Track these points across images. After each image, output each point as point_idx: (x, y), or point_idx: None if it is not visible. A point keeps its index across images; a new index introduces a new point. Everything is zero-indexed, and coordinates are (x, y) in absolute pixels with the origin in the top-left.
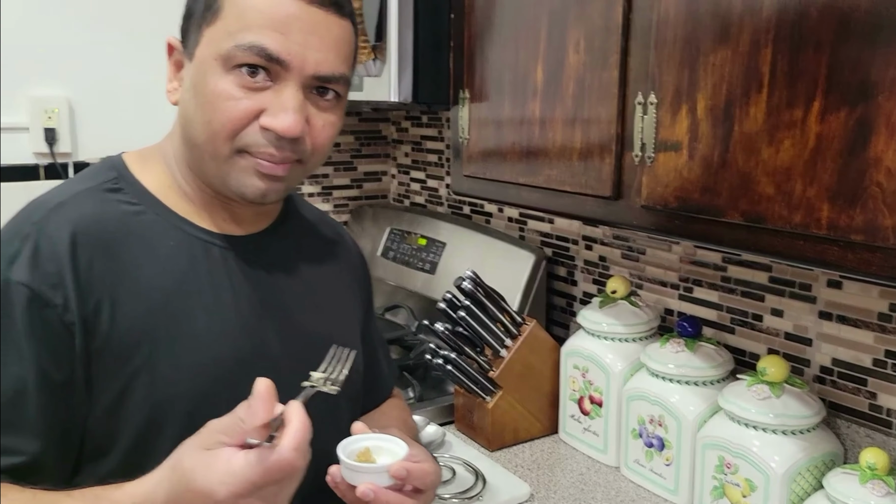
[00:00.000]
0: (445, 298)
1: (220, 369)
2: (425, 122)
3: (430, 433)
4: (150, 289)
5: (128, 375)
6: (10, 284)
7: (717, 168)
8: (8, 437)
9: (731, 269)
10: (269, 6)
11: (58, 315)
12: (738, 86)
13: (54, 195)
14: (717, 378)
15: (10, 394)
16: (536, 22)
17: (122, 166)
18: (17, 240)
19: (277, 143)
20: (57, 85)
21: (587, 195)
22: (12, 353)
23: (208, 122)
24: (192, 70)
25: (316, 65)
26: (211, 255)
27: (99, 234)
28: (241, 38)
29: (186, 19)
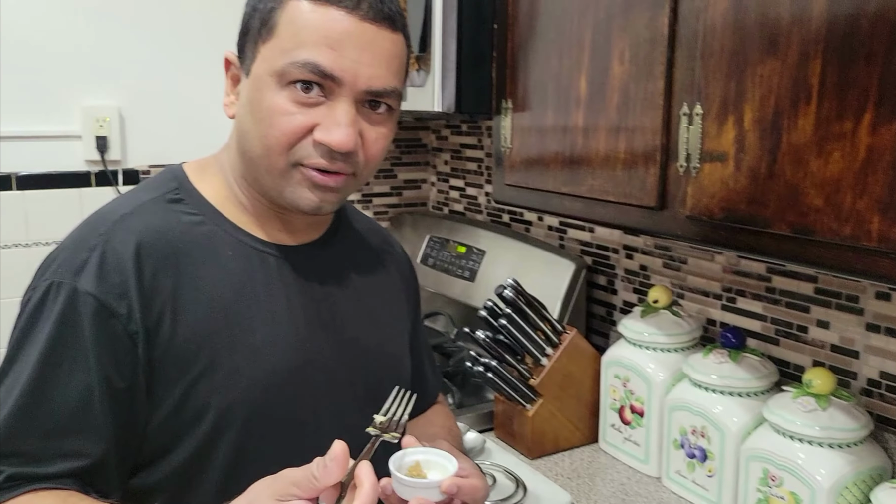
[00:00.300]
0: (486, 306)
1: (276, 378)
2: (465, 130)
3: (471, 440)
4: (210, 298)
5: (187, 383)
6: (77, 294)
7: (765, 179)
8: (74, 441)
9: (776, 279)
10: (323, 24)
11: (122, 325)
12: (786, 97)
13: (119, 206)
14: (761, 390)
15: (77, 400)
16: (580, 33)
17: (182, 177)
18: (85, 250)
19: (330, 156)
20: (108, 95)
21: (631, 205)
22: (79, 360)
23: (264, 137)
24: (249, 86)
25: (368, 80)
26: (266, 264)
27: (162, 245)
28: (296, 56)
29: (243, 36)
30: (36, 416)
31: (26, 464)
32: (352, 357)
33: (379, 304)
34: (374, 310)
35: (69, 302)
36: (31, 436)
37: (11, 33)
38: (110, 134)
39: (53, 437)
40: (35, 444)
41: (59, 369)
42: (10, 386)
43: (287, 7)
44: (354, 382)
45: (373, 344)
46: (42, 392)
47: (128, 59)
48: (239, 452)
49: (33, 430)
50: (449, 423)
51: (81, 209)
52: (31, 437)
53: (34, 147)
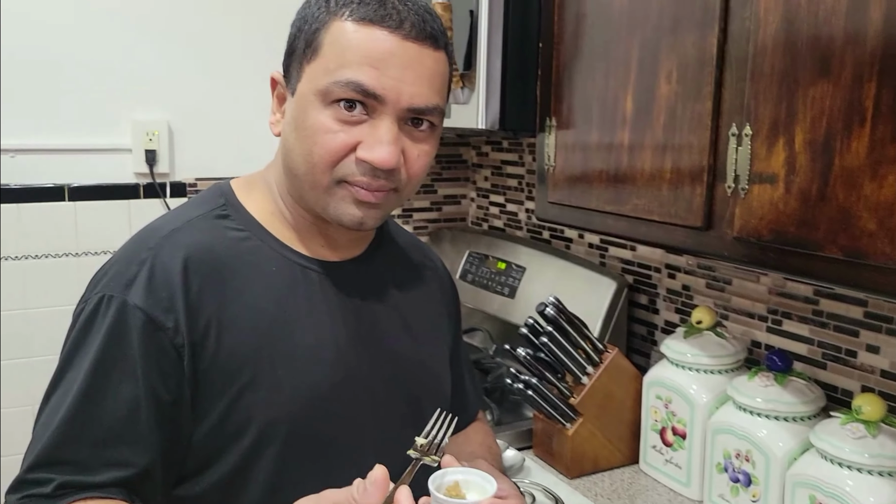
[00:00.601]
0: (527, 324)
1: (317, 392)
2: (506, 147)
3: (510, 457)
4: (254, 313)
5: (231, 396)
6: (126, 307)
7: (816, 202)
8: (122, 451)
9: (824, 302)
10: (366, 44)
11: (169, 338)
12: (839, 119)
13: (169, 221)
14: (807, 414)
15: (125, 411)
16: (627, 52)
17: (230, 193)
18: (135, 264)
19: (373, 174)
20: (158, 110)
21: (676, 225)
22: (128, 372)
23: (308, 154)
24: (294, 104)
25: (410, 98)
26: (309, 279)
27: (209, 261)
28: (339, 75)
29: (289, 56)
30: (86, 425)
31: (76, 472)
32: (393, 373)
33: (420, 320)
34: (415, 326)
35: (119, 315)
36: (81, 445)
37: (69, 52)
38: (159, 147)
39: (102, 446)
40: (84, 454)
41: (109, 380)
42: (61, 396)
43: (331, 27)
44: (395, 398)
45: (414, 360)
46: (92, 402)
47: (177, 76)
48: (281, 466)
49: (83, 440)
50: (489, 441)
51: (130, 220)
52: (81, 446)
53: (86, 159)
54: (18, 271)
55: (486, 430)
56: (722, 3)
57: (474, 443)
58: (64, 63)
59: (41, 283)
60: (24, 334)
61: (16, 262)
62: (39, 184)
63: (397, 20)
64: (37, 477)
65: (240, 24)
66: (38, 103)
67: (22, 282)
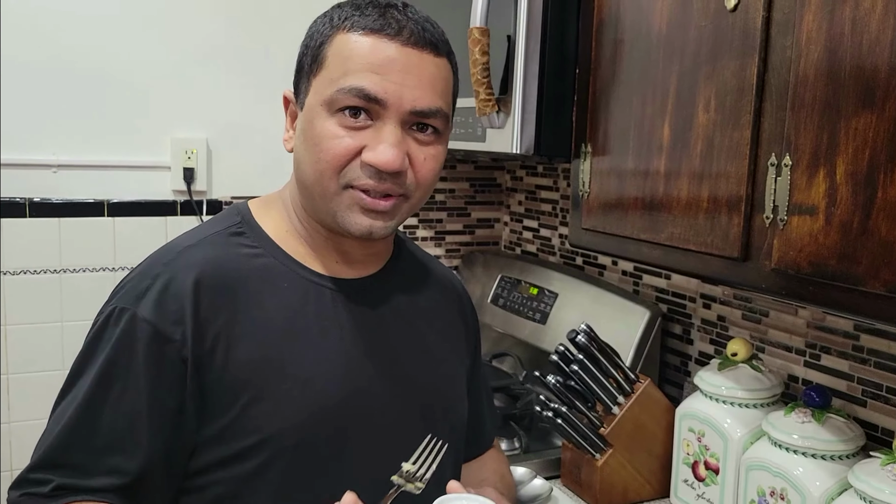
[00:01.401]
0: (558, 351)
1: (324, 408)
2: (540, 171)
3: (537, 487)
4: (263, 328)
5: (238, 409)
6: (135, 319)
7: (857, 235)
8: (117, 459)
9: (864, 337)
10: (368, 52)
11: (176, 350)
12: (882, 151)
13: (185, 238)
14: (846, 453)
15: (125, 420)
16: (665, 80)
17: (246, 212)
18: (149, 278)
19: (378, 177)
20: (197, 128)
21: (712, 255)
22: (131, 383)
23: (316, 161)
24: (302, 118)
25: (413, 101)
26: (322, 297)
27: (220, 276)
28: (343, 83)
29: (297, 74)
30: (86, 433)
31: (73, 476)
32: (406, 392)
33: (436, 342)
34: (431, 347)
35: (128, 327)
36: (81, 451)
37: (113, 72)
38: (197, 165)
39: (100, 453)
40: (83, 459)
41: (112, 390)
42: (68, 403)
43: (335, 40)
44: (408, 418)
45: (428, 381)
46: (93, 411)
47: (217, 96)
48: (286, 480)
49: (83, 446)
50: (502, 470)
51: (167, 237)
52: (81, 451)
53: (126, 176)
54: (56, 284)
55: (500, 458)
56: (763, 32)
57: (488, 470)
58: (107, 82)
59: (78, 297)
60: (61, 347)
61: (55, 275)
62: (80, 199)
63: (396, 28)
64: (37, 477)
65: (278, 45)
66: (81, 120)
67: (59, 295)
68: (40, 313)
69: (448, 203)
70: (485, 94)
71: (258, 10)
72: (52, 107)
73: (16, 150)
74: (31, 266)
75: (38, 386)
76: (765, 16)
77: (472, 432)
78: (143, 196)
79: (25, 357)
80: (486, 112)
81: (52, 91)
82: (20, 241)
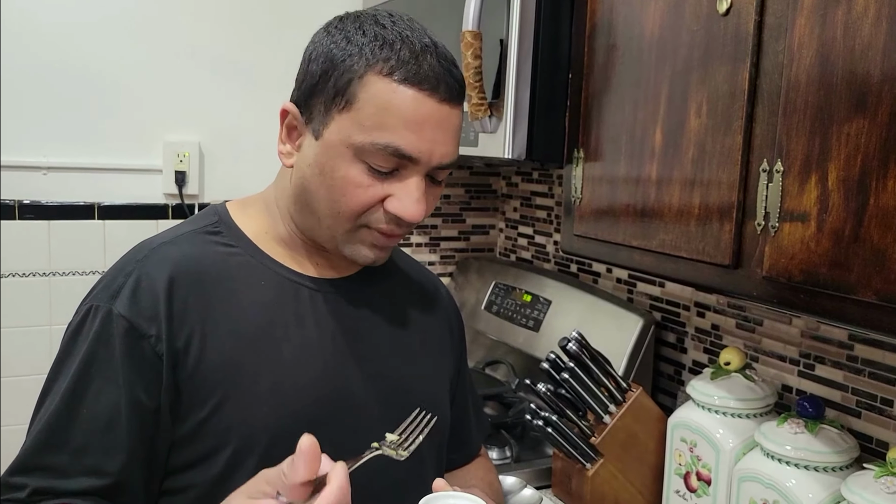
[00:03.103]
0: (549, 359)
1: (300, 406)
2: (536, 178)
3: (527, 496)
4: (238, 325)
5: (211, 407)
6: (111, 315)
7: (849, 242)
8: (98, 458)
9: (859, 347)
10: (408, 108)
11: (151, 346)
12: (874, 157)
13: (160, 237)
14: (840, 465)
15: (105, 418)
16: (657, 85)
17: (224, 212)
18: (122, 276)
19: (398, 223)
20: (189, 132)
21: (704, 262)
22: (110, 379)
23: (335, 203)
24: (319, 149)
25: (441, 158)
26: (299, 295)
27: (195, 273)
28: (378, 137)
29: (309, 93)
30: (66, 431)
31: (52, 478)
32: (384, 393)
33: (418, 344)
34: (413, 349)
35: (104, 323)
36: (60, 451)
37: (105, 74)
38: (189, 169)
39: (81, 452)
40: (62, 460)
41: (91, 387)
42: (48, 404)
43: (367, 82)
44: (385, 419)
45: (408, 382)
46: (73, 409)
47: (209, 100)
48: None
49: (62, 446)
50: (490, 477)
51: None
52: (60, 452)
53: (117, 179)
54: (45, 287)
55: (488, 467)
56: (755, 37)
57: (475, 477)
58: (99, 84)
59: (68, 300)
60: (50, 350)
61: (44, 278)
62: (70, 201)
63: (434, 82)
64: (14, 481)
65: (271, 49)
66: (73, 123)
67: (48, 297)
68: (29, 316)
69: (443, 209)
70: (477, 98)
71: (251, 16)
72: (43, 109)
73: (6, 152)
74: (21, 269)
75: (26, 390)
76: (757, 20)
77: (459, 440)
78: (135, 199)
79: (13, 360)
80: (478, 116)
81: (44, 93)
82: (10, 244)
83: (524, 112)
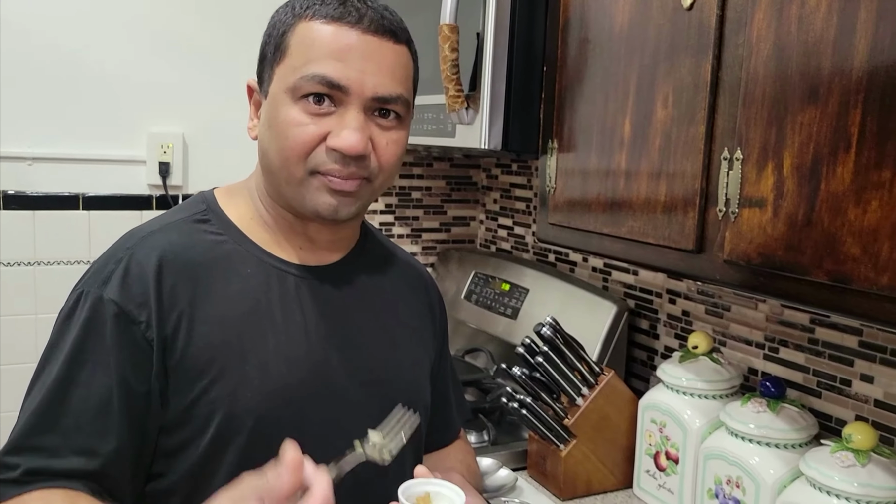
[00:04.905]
0: (524, 343)
1: (285, 390)
2: (515, 170)
3: (502, 477)
4: (225, 311)
5: (199, 390)
6: (102, 301)
7: (802, 226)
8: (90, 439)
9: (820, 330)
10: (329, 39)
11: (141, 331)
12: (825, 145)
13: (149, 224)
14: (799, 442)
15: (96, 399)
16: (626, 77)
17: (211, 200)
18: (112, 263)
19: (343, 161)
20: (173, 123)
21: (669, 248)
22: (101, 362)
23: (281, 149)
24: (267, 105)
25: (374, 87)
26: (285, 282)
27: (183, 260)
28: (306, 70)
29: (261, 63)
30: (58, 413)
31: (44, 458)
32: (366, 378)
33: (400, 329)
34: (395, 334)
35: (95, 309)
36: (52, 432)
37: (89, 66)
38: (173, 160)
39: (72, 433)
40: (54, 441)
41: (82, 370)
42: (40, 386)
43: (296, 29)
44: (367, 403)
45: (390, 367)
46: (65, 391)
47: (192, 91)
48: (245, 460)
49: (54, 427)
50: (468, 460)
51: None
52: (52, 433)
53: (102, 170)
54: (29, 277)
55: (466, 449)
56: (716, 31)
57: (454, 459)
58: (84, 76)
59: (52, 289)
60: (35, 340)
61: (28, 267)
62: (55, 192)
63: (357, 16)
64: (7, 461)
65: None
66: (57, 114)
67: (33, 287)
68: (14, 306)
69: (424, 201)
70: (454, 90)
71: (233, 7)
72: (28, 100)
73: None
74: (6, 258)
75: (11, 379)
76: (719, 14)
77: (439, 422)
78: (119, 190)
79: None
80: (455, 108)
81: (28, 85)
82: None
83: (500, 104)
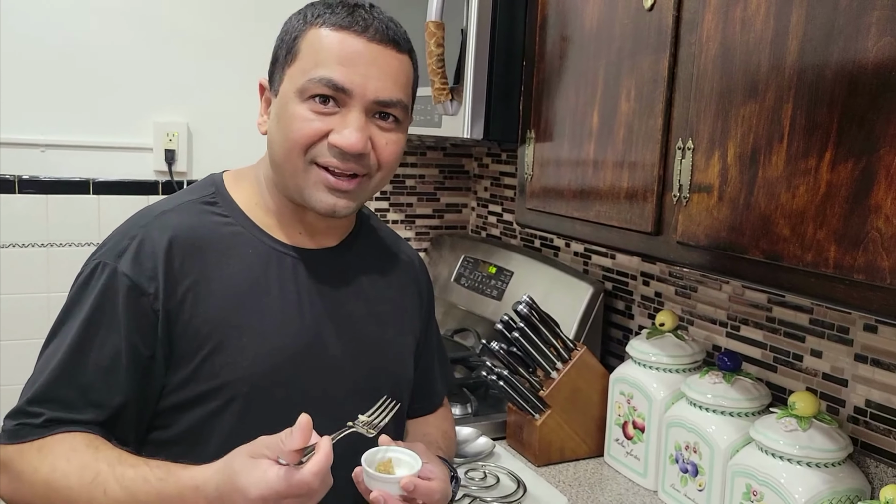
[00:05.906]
0: (503, 320)
1: (279, 360)
2: (504, 159)
3: (481, 444)
4: (227, 287)
5: (201, 358)
6: (116, 273)
7: (743, 209)
8: (102, 394)
9: (776, 309)
10: (337, 46)
11: (150, 303)
12: (763, 136)
13: (162, 204)
14: (752, 410)
15: (109, 360)
16: (595, 72)
17: (220, 183)
18: (127, 238)
19: (342, 157)
20: (178, 112)
21: (631, 230)
22: (113, 328)
23: (285, 140)
24: (277, 103)
25: (376, 91)
26: (283, 263)
27: (192, 240)
28: (314, 73)
29: (273, 65)
30: (75, 371)
31: (63, 410)
32: (355, 351)
33: (389, 309)
34: (382, 312)
35: (109, 279)
36: (70, 387)
37: (99, 57)
38: (178, 147)
39: (87, 389)
40: (72, 395)
41: (97, 334)
42: (57, 345)
43: (308, 34)
44: (354, 374)
45: (377, 341)
46: (81, 352)
47: (197, 81)
48: (241, 420)
49: (72, 383)
50: (445, 426)
51: None
52: (70, 388)
53: (110, 156)
54: (43, 257)
55: (446, 416)
56: (673, 30)
57: (431, 426)
58: (94, 68)
59: (64, 269)
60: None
61: (42, 248)
62: (66, 177)
63: (363, 26)
64: (31, 410)
65: (257, 32)
66: (69, 104)
67: (46, 267)
68: (28, 284)
69: (418, 188)
70: (439, 83)
71: (238, 2)
72: (41, 90)
73: (7, 130)
74: (20, 240)
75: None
76: (675, 15)
77: (422, 391)
78: (127, 176)
79: (13, 325)
80: (440, 100)
81: (41, 75)
82: (10, 216)
83: (482, 96)
